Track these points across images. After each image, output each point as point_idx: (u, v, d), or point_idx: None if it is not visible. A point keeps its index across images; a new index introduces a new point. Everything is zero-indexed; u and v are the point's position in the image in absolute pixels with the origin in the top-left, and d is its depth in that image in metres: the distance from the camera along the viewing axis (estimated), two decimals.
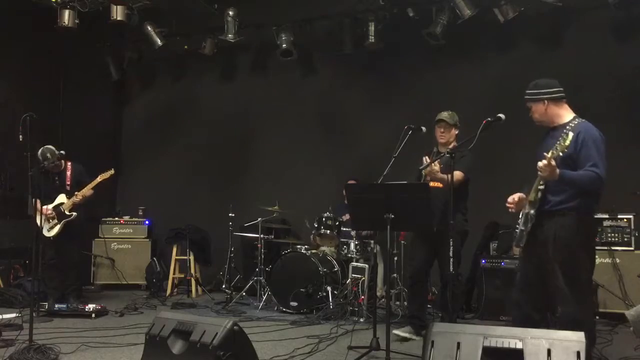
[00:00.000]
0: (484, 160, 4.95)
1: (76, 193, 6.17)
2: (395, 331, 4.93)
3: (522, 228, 3.81)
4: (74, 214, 6.21)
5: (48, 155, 6.04)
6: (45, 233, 6.15)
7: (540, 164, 3.49)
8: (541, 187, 3.72)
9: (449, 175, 4.23)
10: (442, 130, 4.98)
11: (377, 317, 4.85)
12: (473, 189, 4.99)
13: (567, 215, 3.68)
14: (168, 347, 3.29)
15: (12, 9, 7.53)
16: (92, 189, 6.22)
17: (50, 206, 6.19)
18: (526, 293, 3.91)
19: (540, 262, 3.78)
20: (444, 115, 4.98)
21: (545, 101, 3.83)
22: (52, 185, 6.27)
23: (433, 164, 4.58)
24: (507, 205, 3.96)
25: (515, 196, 3.93)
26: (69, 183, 6.33)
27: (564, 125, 3.73)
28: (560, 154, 3.44)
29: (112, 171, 6.28)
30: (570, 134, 3.42)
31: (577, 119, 3.78)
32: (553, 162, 3.48)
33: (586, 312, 3.71)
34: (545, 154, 3.48)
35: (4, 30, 7.52)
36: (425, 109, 5.43)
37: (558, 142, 3.45)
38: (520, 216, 3.94)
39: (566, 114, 3.85)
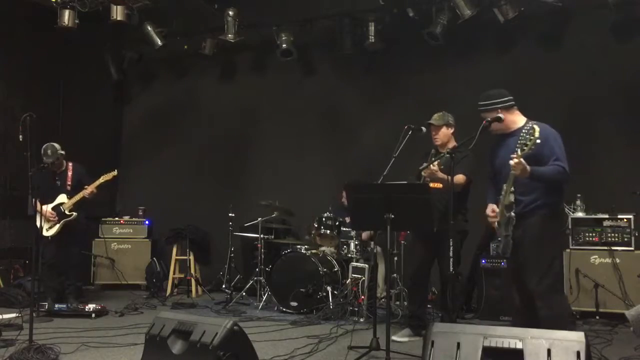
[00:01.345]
0: (484, 161, 4.94)
1: (86, 187, 6.16)
2: (393, 337, 4.88)
3: (507, 234, 3.88)
4: (74, 214, 6.21)
5: (49, 152, 6.08)
6: (44, 232, 6.15)
7: (512, 162, 3.63)
8: (513, 189, 3.83)
9: (449, 177, 4.23)
10: (433, 132, 5.02)
11: (377, 317, 4.86)
12: (473, 189, 4.99)
13: (536, 215, 3.83)
14: (168, 347, 3.29)
15: (12, 9, 7.54)
16: (96, 189, 6.21)
17: (50, 206, 6.20)
18: (525, 298, 3.94)
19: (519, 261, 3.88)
20: (433, 117, 5.02)
21: (499, 110, 4.00)
22: (53, 185, 6.27)
23: (432, 165, 4.59)
24: (490, 218, 4.05)
25: (495, 207, 4.03)
26: (69, 183, 6.32)
27: (520, 130, 3.91)
28: (533, 147, 3.57)
29: (114, 172, 6.26)
30: (537, 127, 3.58)
31: (529, 122, 3.94)
32: (522, 160, 3.62)
33: (558, 309, 3.78)
34: (513, 155, 3.64)
35: (4, 30, 7.52)
36: (425, 109, 5.42)
37: (523, 140, 3.61)
38: (497, 226, 4.01)
39: (519, 120, 4.03)
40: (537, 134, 3.53)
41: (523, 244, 3.83)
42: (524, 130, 3.76)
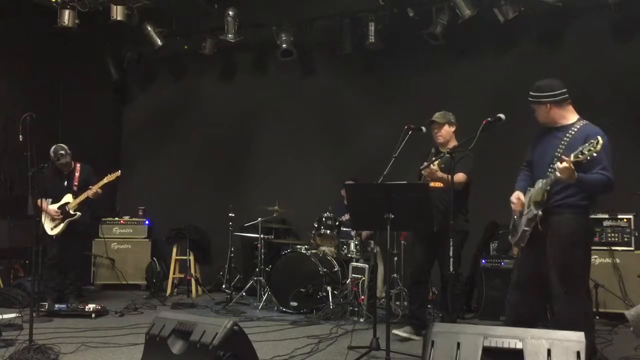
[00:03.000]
0: (484, 161, 4.95)
1: (90, 187, 6.19)
2: (395, 331, 4.93)
3: (526, 228, 3.80)
4: (78, 213, 6.24)
5: (61, 152, 6.16)
6: (48, 231, 6.18)
7: (561, 165, 3.46)
8: (549, 188, 3.70)
9: (449, 175, 4.24)
10: (435, 130, 5.03)
11: (377, 317, 4.86)
12: (473, 189, 5.00)
13: (564, 214, 3.71)
14: (168, 347, 3.29)
15: (12, 9, 7.54)
16: (100, 189, 6.23)
17: (56, 205, 6.23)
18: (522, 292, 3.93)
19: (538, 260, 3.80)
20: (435, 115, 5.03)
21: (548, 104, 3.82)
22: (60, 184, 6.31)
23: (431, 164, 4.60)
24: (514, 207, 3.95)
25: (520, 195, 3.94)
26: (76, 184, 6.37)
27: (569, 127, 3.74)
28: (588, 158, 3.40)
29: (118, 173, 6.29)
30: (601, 140, 3.37)
31: (581, 121, 3.79)
32: (572, 166, 3.45)
33: (578, 312, 3.69)
34: (564, 157, 3.47)
35: (4, 30, 7.52)
36: (425, 108, 5.43)
37: (585, 147, 3.41)
38: (516, 216, 3.95)
39: (570, 116, 3.85)
40: (599, 147, 3.35)
41: (545, 241, 3.73)
42: (592, 139, 3.45)
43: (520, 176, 4.11)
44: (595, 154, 3.40)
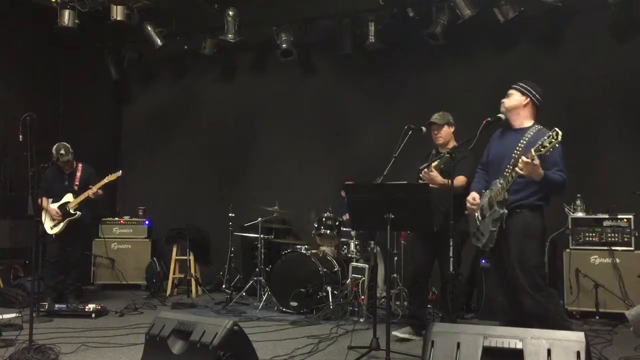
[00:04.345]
0: None
1: (90, 186, 6.22)
2: (394, 332, 4.92)
3: (493, 229, 3.88)
4: (78, 213, 6.25)
5: (62, 151, 6.19)
6: (48, 230, 6.20)
7: (524, 161, 3.57)
8: (508, 187, 3.81)
9: (449, 180, 4.24)
10: (435, 132, 5.03)
11: (377, 317, 4.86)
12: None
13: (523, 212, 3.86)
14: (168, 347, 3.29)
15: (12, 9, 7.54)
16: (100, 189, 6.25)
17: (57, 205, 6.24)
18: (506, 293, 4.05)
19: (506, 258, 3.91)
20: (434, 117, 5.02)
21: (529, 98, 4.00)
22: (61, 184, 6.32)
23: (431, 165, 4.59)
24: (470, 206, 4.08)
25: (477, 196, 4.07)
26: (77, 183, 6.40)
27: (526, 129, 3.89)
28: (551, 150, 3.48)
29: (119, 173, 6.31)
30: (560, 132, 3.46)
31: (537, 125, 3.95)
32: (537, 161, 3.57)
33: (546, 306, 3.80)
34: (524, 157, 3.58)
35: (4, 30, 7.53)
36: (425, 109, 5.43)
37: (546, 140, 3.49)
38: (478, 220, 4.03)
39: (532, 121, 4.02)
40: (559, 138, 3.44)
41: (503, 240, 3.86)
42: (548, 134, 3.52)
43: (476, 179, 4.28)
44: (557, 145, 3.50)
